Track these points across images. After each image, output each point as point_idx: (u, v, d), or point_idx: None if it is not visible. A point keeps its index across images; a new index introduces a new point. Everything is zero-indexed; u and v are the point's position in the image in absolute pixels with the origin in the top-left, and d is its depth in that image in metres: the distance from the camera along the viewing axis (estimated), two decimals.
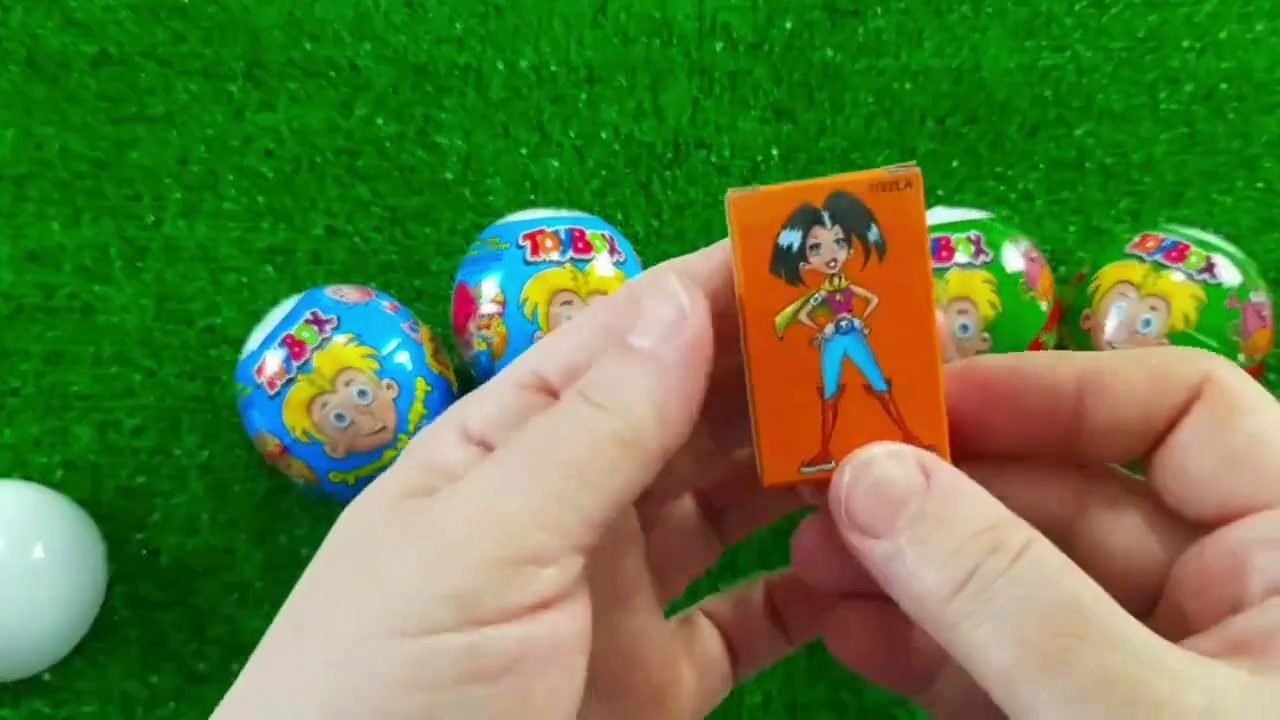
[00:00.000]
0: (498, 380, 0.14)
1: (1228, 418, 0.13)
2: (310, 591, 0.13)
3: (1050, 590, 0.11)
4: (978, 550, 0.12)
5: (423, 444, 0.14)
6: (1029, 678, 0.11)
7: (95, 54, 0.38)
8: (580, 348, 0.14)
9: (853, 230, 0.13)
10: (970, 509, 0.12)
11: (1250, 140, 0.38)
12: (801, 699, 0.32)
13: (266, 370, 0.29)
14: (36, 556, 0.29)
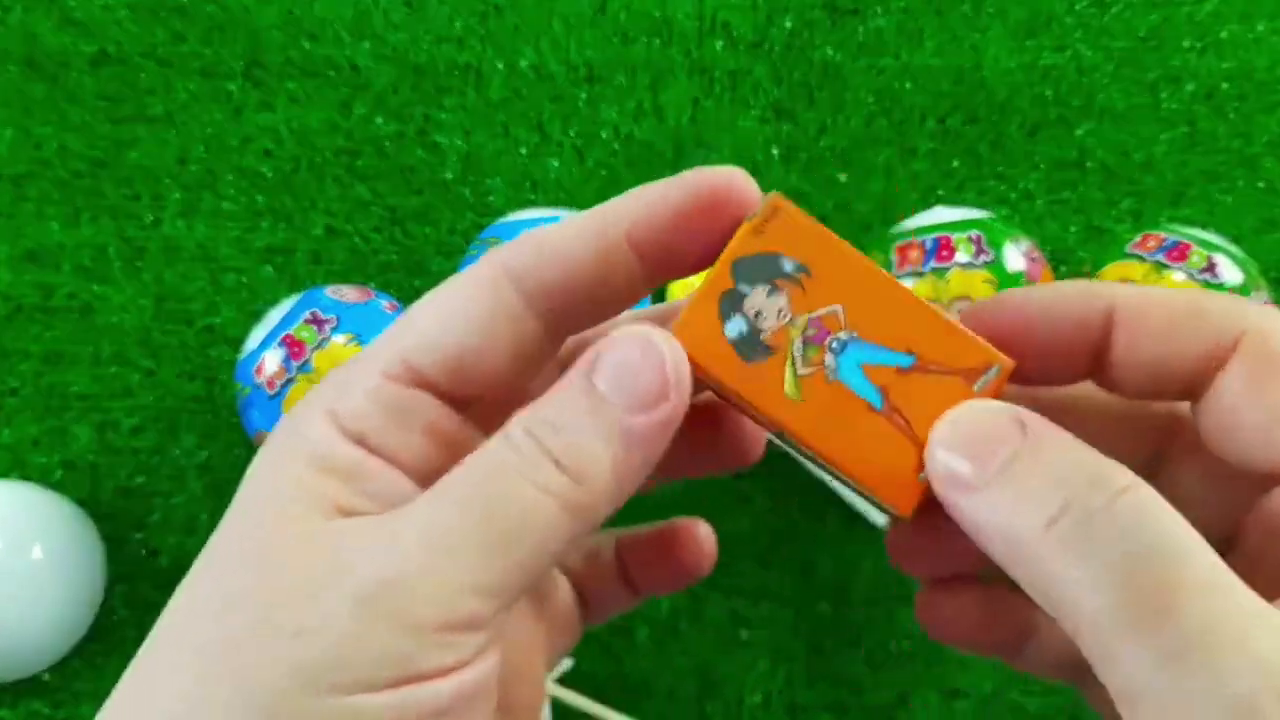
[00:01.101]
0: (362, 366, 0.13)
1: (1269, 371, 0.12)
2: (213, 597, 0.12)
3: (1152, 532, 0.11)
4: (1077, 484, 0.11)
5: (300, 434, 0.13)
6: (1126, 630, 0.10)
7: (94, 53, 0.38)
8: (451, 332, 0.13)
9: (771, 277, 0.13)
10: (1068, 450, 0.12)
11: (1251, 140, 0.38)
12: (801, 700, 0.31)
13: (266, 370, 0.29)
14: (35, 557, 0.29)
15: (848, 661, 0.32)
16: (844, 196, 0.37)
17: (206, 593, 0.12)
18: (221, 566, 0.12)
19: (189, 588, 0.13)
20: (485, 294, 0.13)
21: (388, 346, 0.13)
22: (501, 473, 0.12)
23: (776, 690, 0.31)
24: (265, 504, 0.13)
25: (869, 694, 0.31)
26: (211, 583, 0.12)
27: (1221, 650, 0.10)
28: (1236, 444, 0.13)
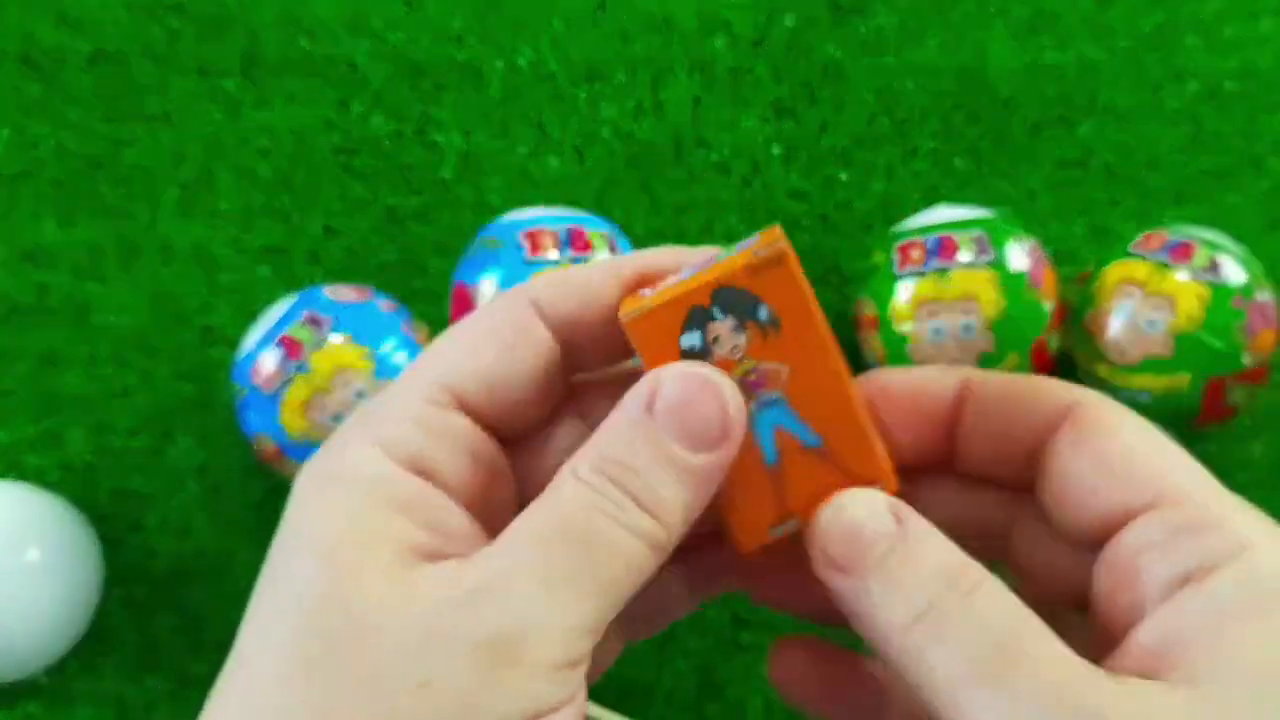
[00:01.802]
0: (399, 395, 0.14)
1: (1096, 431, 0.14)
2: (304, 660, 0.12)
3: (999, 619, 0.12)
4: (938, 585, 0.13)
5: (353, 468, 0.13)
6: (976, 691, 0.12)
7: (90, 52, 0.37)
8: (484, 358, 0.14)
9: (744, 317, 0.14)
10: (934, 551, 0.13)
11: (1256, 139, 0.37)
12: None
13: (263, 371, 0.29)
14: (31, 558, 0.29)
15: None
16: (845, 195, 0.37)
17: (291, 654, 0.12)
18: (305, 624, 0.12)
19: (262, 651, 0.12)
20: (513, 322, 0.14)
21: (422, 374, 0.14)
22: (592, 516, 0.13)
23: (777, 692, 0.31)
24: (337, 550, 0.12)
25: None
26: (295, 644, 0.12)
27: (1061, 707, 0.11)
28: (1066, 502, 0.14)
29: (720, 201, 0.37)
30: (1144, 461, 0.13)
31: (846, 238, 0.36)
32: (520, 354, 0.14)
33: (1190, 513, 0.13)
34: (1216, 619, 0.12)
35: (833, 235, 0.36)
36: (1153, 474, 0.13)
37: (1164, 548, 0.13)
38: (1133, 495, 0.13)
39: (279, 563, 0.13)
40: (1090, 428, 0.14)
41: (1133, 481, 0.13)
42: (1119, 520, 0.13)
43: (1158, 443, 0.14)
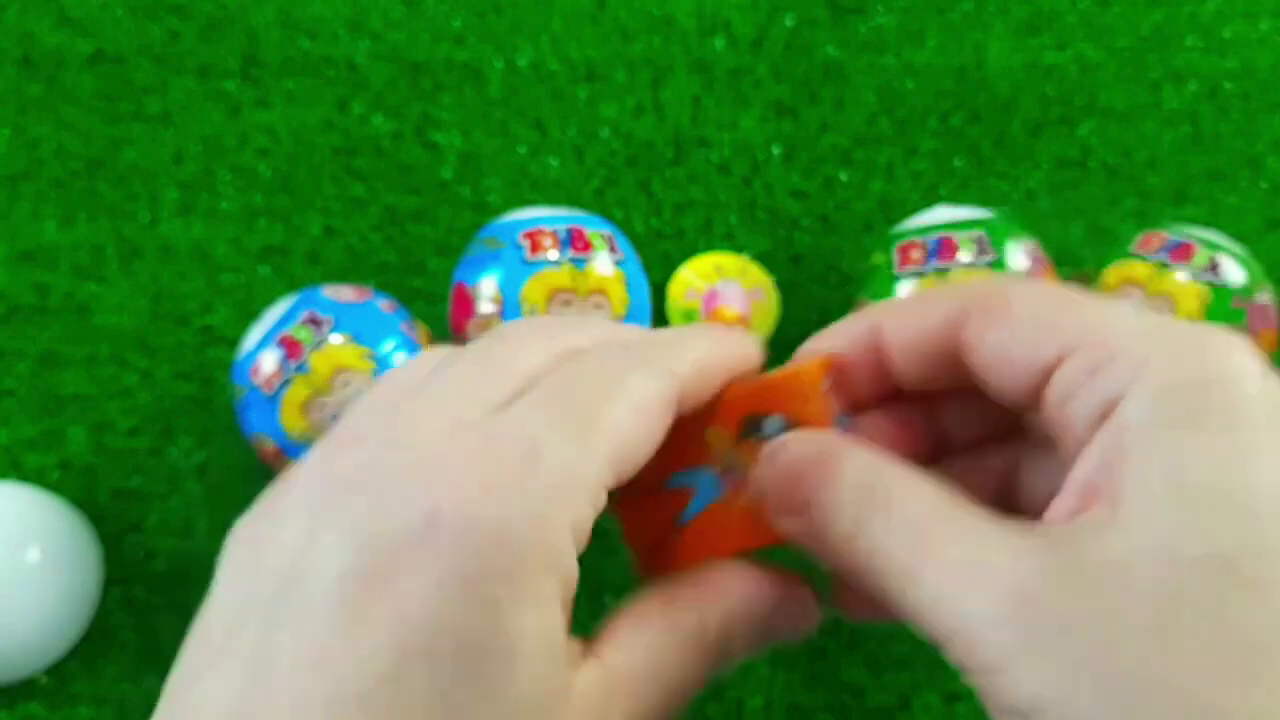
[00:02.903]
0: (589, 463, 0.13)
1: (990, 314, 0.15)
2: None
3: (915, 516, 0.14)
4: (859, 500, 0.14)
5: (555, 551, 0.12)
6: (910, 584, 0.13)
7: (90, 52, 0.37)
8: (646, 445, 0.14)
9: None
10: (852, 469, 0.15)
11: (1255, 139, 0.37)
12: (802, 703, 0.31)
13: (262, 371, 0.29)
14: (31, 559, 0.29)
15: (849, 664, 0.31)
16: (845, 195, 0.37)
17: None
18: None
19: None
20: (665, 411, 0.15)
21: (600, 454, 0.14)
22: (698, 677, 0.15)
23: (777, 693, 0.31)
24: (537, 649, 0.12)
25: (870, 697, 0.31)
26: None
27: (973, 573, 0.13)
28: (1002, 391, 0.15)
29: (720, 201, 0.37)
30: (1040, 327, 0.14)
31: (846, 238, 0.36)
32: (657, 444, 0.14)
33: (1091, 352, 0.13)
34: (1126, 445, 0.12)
35: (833, 235, 0.36)
36: (1051, 336, 0.14)
37: (1078, 394, 0.13)
38: (1038, 362, 0.14)
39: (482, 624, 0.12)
40: (985, 313, 0.15)
41: (1036, 349, 0.14)
42: (1035, 390, 0.14)
43: (1048, 300, 0.14)
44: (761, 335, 0.35)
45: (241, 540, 0.15)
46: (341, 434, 0.14)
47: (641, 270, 0.32)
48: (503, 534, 0.12)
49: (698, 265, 0.35)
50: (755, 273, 0.35)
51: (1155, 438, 0.12)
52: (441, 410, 0.13)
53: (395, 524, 0.12)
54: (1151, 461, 0.12)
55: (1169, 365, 0.13)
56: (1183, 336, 0.13)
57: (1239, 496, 0.12)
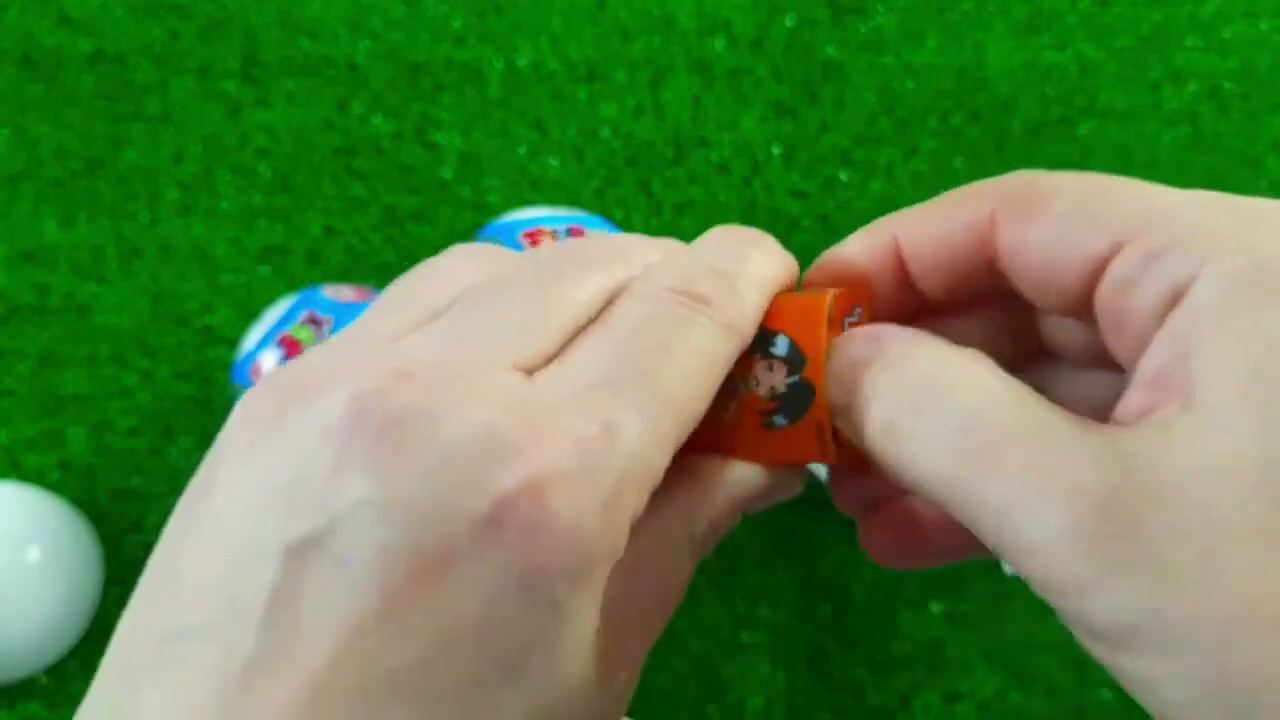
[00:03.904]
0: (661, 465, 0.12)
1: (1026, 221, 0.13)
2: None
3: (978, 407, 0.12)
4: (919, 390, 0.13)
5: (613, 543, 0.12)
6: (970, 480, 0.12)
7: (91, 52, 0.37)
8: (701, 409, 0.13)
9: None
10: (915, 361, 0.13)
11: (1255, 139, 0.37)
12: (802, 702, 0.31)
13: (263, 371, 0.29)
14: (32, 558, 0.29)
15: (849, 664, 0.31)
16: (845, 195, 0.37)
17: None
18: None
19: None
20: (723, 374, 0.14)
21: (667, 434, 0.13)
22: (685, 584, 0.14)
23: (777, 693, 0.31)
24: (583, 642, 0.11)
25: (870, 696, 0.31)
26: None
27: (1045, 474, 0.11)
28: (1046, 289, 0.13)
29: (720, 201, 0.37)
30: (1089, 215, 0.12)
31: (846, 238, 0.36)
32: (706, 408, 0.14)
33: (1150, 240, 0.12)
34: (1200, 330, 0.11)
35: (832, 235, 0.36)
36: (1103, 224, 0.12)
37: (1137, 284, 0.12)
38: (1091, 251, 0.12)
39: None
40: (1021, 212, 0.13)
41: (1087, 238, 0.12)
42: (1089, 280, 0.13)
43: (1093, 187, 0.13)
44: None
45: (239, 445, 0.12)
46: (384, 355, 0.12)
47: None
48: (572, 530, 0.11)
49: None
50: None
51: (1232, 320, 0.11)
52: (501, 360, 0.12)
53: (458, 507, 0.11)
54: (1226, 349, 0.11)
55: (1240, 245, 0.11)
56: (1255, 210, 0.12)
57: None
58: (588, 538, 0.11)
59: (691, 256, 0.14)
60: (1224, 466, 0.10)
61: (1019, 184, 0.13)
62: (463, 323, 0.12)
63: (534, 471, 0.11)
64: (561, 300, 0.13)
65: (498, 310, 0.13)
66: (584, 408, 0.12)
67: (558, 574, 0.11)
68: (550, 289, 0.13)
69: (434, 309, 0.13)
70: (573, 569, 0.11)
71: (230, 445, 0.12)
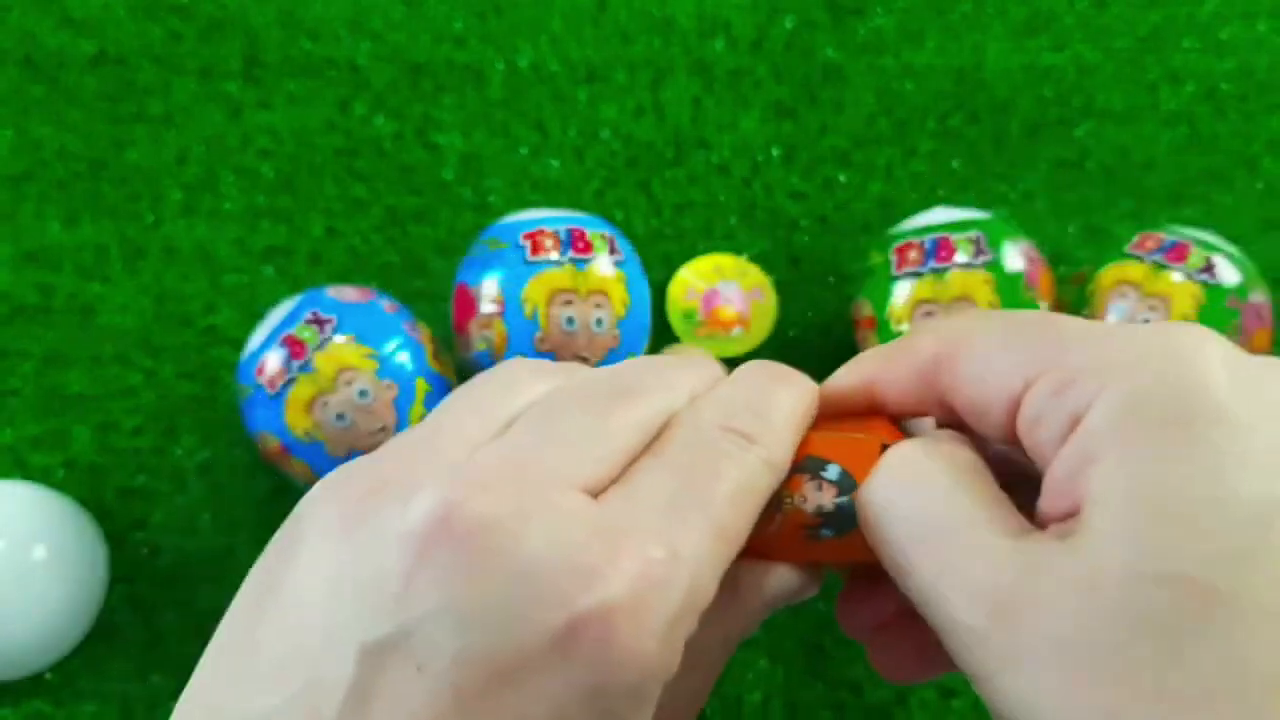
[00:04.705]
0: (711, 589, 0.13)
1: (954, 366, 0.15)
2: None
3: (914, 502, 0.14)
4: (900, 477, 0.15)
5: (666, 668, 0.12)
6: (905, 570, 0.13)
7: (93, 53, 0.38)
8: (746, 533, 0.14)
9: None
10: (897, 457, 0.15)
11: (1252, 140, 0.38)
12: (801, 699, 0.32)
13: (267, 370, 0.29)
14: (37, 557, 0.29)
15: (847, 660, 0.32)
16: (844, 197, 0.37)
17: None
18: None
19: None
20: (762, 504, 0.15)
21: (721, 559, 0.14)
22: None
23: (775, 689, 0.32)
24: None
25: (868, 693, 0.32)
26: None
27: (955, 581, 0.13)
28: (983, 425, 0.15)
29: (720, 202, 0.37)
30: (1005, 358, 0.14)
31: (845, 238, 0.36)
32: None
33: (1055, 374, 0.13)
34: (1089, 451, 0.12)
35: (831, 236, 0.37)
36: (1015, 365, 0.14)
37: (1044, 419, 0.13)
38: (1007, 392, 0.14)
39: None
40: (953, 356, 0.14)
41: (1004, 380, 0.14)
42: (1009, 419, 0.14)
43: (1009, 329, 0.14)
44: (760, 335, 0.35)
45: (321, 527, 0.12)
46: (463, 463, 0.13)
47: (642, 271, 0.32)
48: (638, 652, 0.12)
49: (697, 266, 0.35)
50: (754, 273, 0.35)
51: (1117, 444, 0.12)
52: (571, 480, 0.13)
53: (534, 620, 0.11)
54: (1114, 470, 0.12)
55: (1133, 371, 0.12)
56: (1148, 340, 0.12)
57: (1204, 507, 0.11)
58: (651, 659, 0.12)
59: (732, 392, 0.15)
60: (1098, 584, 0.11)
61: (949, 327, 0.15)
62: (534, 439, 0.13)
63: (607, 594, 0.11)
64: (622, 426, 0.14)
65: (566, 430, 0.13)
66: (650, 531, 0.12)
67: (622, 692, 0.11)
68: (612, 415, 0.14)
69: (504, 419, 0.14)
70: (635, 688, 0.12)
71: (312, 526, 0.12)
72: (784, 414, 0.15)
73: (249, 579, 0.13)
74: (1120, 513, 0.11)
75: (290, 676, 0.11)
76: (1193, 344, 0.12)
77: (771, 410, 0.15)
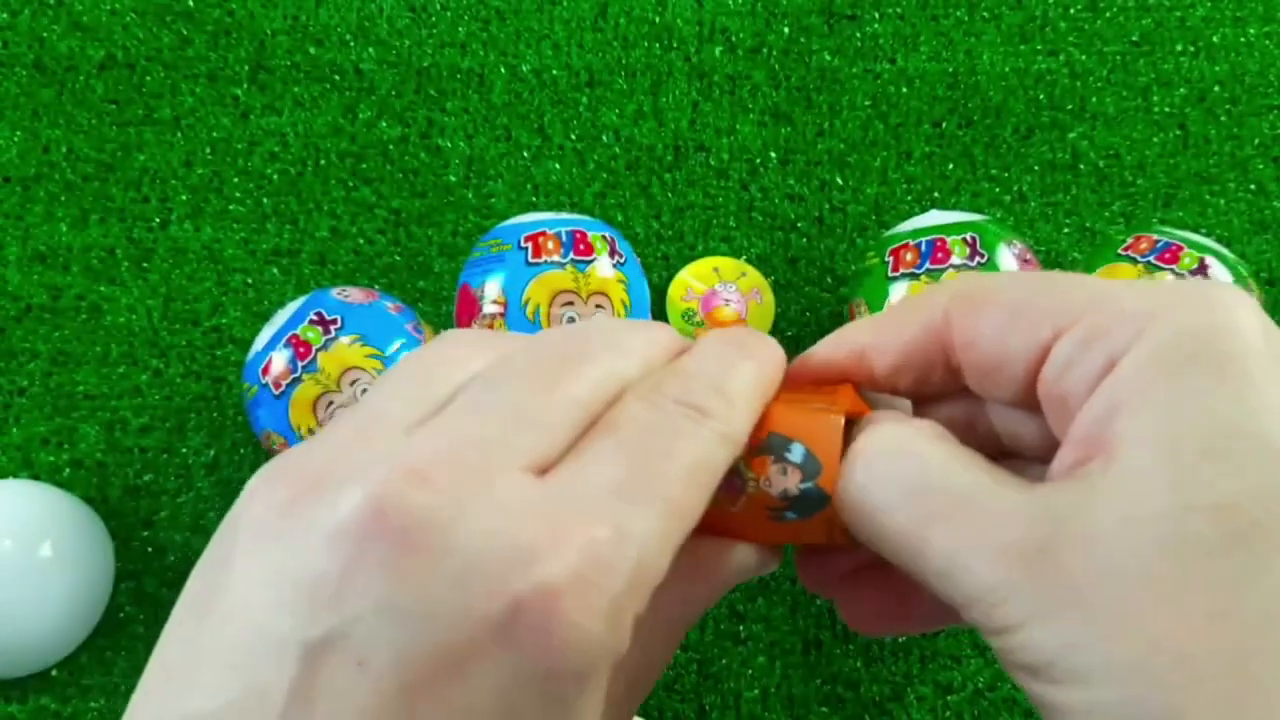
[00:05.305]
0: (663, 567, 0.12)
1: (975, 315, 0.14)
2: None
3: (925, 472, 0.13)
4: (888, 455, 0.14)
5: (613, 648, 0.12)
6: (914, 540, 0.13)
7: (102, 58, 0.38)
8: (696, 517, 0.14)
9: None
10: (881, 432, 0.14)
11: (1242, 143, 0.38)
12: (799, 694, 0.32)
13: (272, 370, 0.29)
14: (44, 554, 0.29)
15: (844, 656, 0.32)
16: (840, 199, 0.37)
17: None
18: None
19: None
20: (718, 479, 0.15)
21: (672, 537, 0.13)
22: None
23: (774, 684, 0.32)
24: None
25: (865, 688, 0.32)
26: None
27: (981, 528, 0.13)
28: (994, 384, 0.14)
29: (718, 205, 0.37)
30: (1033, 307, 0.14)
31: (841, 240, 0.37)
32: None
33: (1089, 324, 0.13)
34: (1122, 396, 0.12)
35: (828, 238, 0.37)
36: (1045, 312, 0.13)
37: (1077, 363, 0.13)
38: (1035, 338, 0.13)
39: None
40: (971, 308, 0.14)
41: (1032, 326, 0.13)
42: (1034, 365, 0.14)
43: (1039, 285, 0.14)
44: None
45: (254, 530, 0.12)
46: (397, 451, 0.12)
47: (641, 272, 0.32)
48: (583, 634, 0.11)
49: (696, 269, 0.36)
50: (752, 275, 0.36)
51: (1152, 386, 0.12)
52: (512, 460, 0.12)
53: (474, 610, 0.11)
54: (1147, 410, 0.12)
55: (1170, 317, 0.12)
56: (1184, 291, 0.13)
57: (1242, 441, 0.11)
58: (596, 639, 0.11)
59: (692, 365, 0.14)
60: (1139, 517, 0.11)
61: (969, 281, 0.15)
62: (473, 417, 0.13)
63: (547, 576, 0.11)
64: (566, 399, 0.13)
65: (506, 405, 0.13)
66: (595, 512, 0.12)
67: (569, 675, 0.11)
68: (555, 386, 0.13)
69: (441, 397, 0.13)
70: (582, 670, 0.11)
71: (245, 529, 0.12)
72: (745, 387, 0.14)
73: (189, 583, 0.13)
74: (1161, 450, 0.11)
75: (232, 679, 0.11)
76: (1228, 296, 0.12)
77: (732, 383, 0.14)
